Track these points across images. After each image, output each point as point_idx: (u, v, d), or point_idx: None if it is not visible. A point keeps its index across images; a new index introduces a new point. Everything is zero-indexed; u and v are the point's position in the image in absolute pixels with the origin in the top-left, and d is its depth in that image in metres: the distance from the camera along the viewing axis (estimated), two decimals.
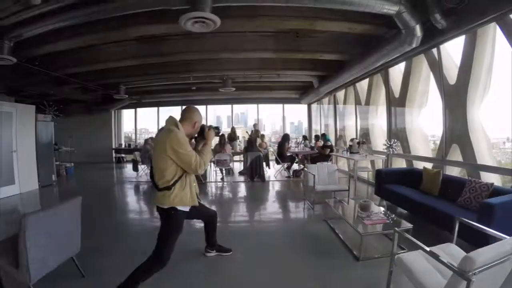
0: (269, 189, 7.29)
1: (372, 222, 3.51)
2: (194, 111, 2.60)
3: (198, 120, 2.58)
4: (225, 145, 7.89)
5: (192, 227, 4.16)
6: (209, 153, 2.54)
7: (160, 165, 2.38)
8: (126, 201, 6.72)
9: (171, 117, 2.49)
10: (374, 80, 8.05)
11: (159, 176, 2.41)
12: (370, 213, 3.80)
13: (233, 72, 8.65)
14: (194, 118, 2.56)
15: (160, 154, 2.36)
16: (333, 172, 5.62)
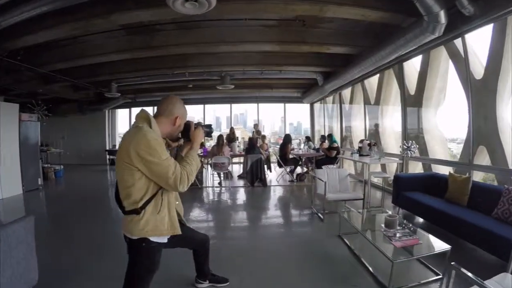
0: (271, 195, 6.65)
1: (403, 244, 2.86)
2: (175, 103, 1.88)
3: (180, 115, 1.87)
4: (223, 146, 7.24)
5: None
6: (196, 161, 1.83)
7: (124, 179, 1.69)
8: (117, 209, 6.04)
9: (143, 110, 1.81)
10: (385, 76, 7.42)
11: (124, 194, 1.73)
12: (396, 230, 3.16)
13: (232, 68, 8.02)
14: (175, 111, 1.85)
15: (122, 163, 1.67)
16: (345, 178, 4.99)
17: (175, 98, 1.93)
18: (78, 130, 13.85)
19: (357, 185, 7.61)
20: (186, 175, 1.71)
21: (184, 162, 1.78)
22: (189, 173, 1.74)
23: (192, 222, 4.77)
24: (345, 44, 6.31)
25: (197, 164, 1.82)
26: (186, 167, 1.74)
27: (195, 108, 13.52)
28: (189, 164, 1.78)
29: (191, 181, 1.76)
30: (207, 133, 2.03)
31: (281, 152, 7.90)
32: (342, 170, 5.06)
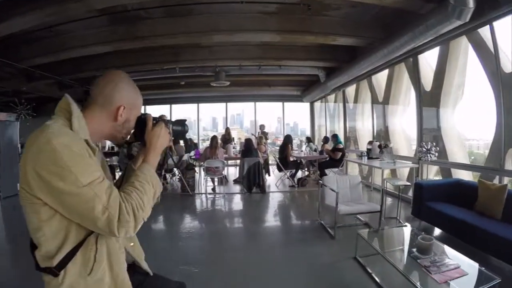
0: (271, 204, 5.97)
1: (446, 278, 2.20)
2: (117, 82, 1.10)
3: (126, 104, 1.10)
4: (217, 149, 6.54)
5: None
6: (154, 182, 1.08)
7: (28, 218, 0.97)
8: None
9: (65, 97, 1.05)
10: (396, 72, 6.78)
11: (34, 241, 0.99)
12: (433, 257, 2.51)
13: (227, 62, 7.34)
14: (115, 97, 1.09)
15: (21, 189, 0.94)
16: (357, 185, 4.33)
17: (117, 74, 1.13)
18: None
19: (364, 191, 6.98)
20: (131, 209, 0.96)
21: (131, 186, 1.01)
22: (138, 206, 0.98)
23: (179, 239, 4.08)
24: (352, 35, 5.67)
25: (155, 187, 1.08)
26: (132, 194, 0.98)
27: (188, 108, 12.88)
28: (139, 188, 1.01)
29: (143, 218, 1.02)
30: (177, 134, 1.29)
31: (281, 155, 7.21)
32: (353, 177, 4.39)
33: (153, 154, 1.13)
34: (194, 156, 7.71)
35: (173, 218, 5.06)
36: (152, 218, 5.25)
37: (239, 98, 12.20)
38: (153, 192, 1.06)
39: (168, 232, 4.49)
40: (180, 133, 1.31)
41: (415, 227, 4.16)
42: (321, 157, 7.38)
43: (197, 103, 12.33)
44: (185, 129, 1.32)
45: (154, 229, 4.64)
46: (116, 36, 5.86)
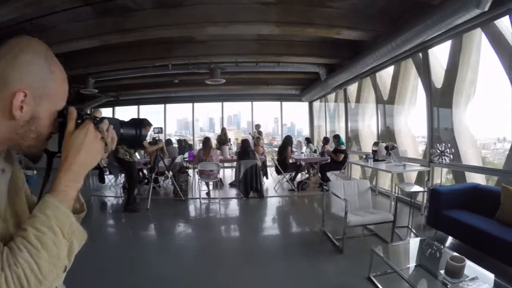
0: (269, 210, 5.54)
1: None
2: (18, 54, 0.62)
3: (31, 89, 0.62)
4: (211, 150, 6.10)
5: None
6: (63, 225, 0.58)
7: None
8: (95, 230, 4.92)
9: None
10: (402, 68, 6.40)
11: None
12: (465, 280, 2.10)
13: (222, 58, 6.92)
14: (12, 78, 0.60)
15: None
16: (366, 191, 3.91)
17: (20, 42, 0.65)
18: None
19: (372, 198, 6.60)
20: (17, 283, 0.50)
21: (23, 239, 0.54)
22: (30, 277, 0.51)
23: (167, 252, 3.65)
24: (358, 28, 5.27)
25: (69, 236, 0.60)
26: (22, 254, 0.52)
27: (183, 107, 12.40)
28: (34, 244, 0.53)
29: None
30: (129, 141, 0.80)
31: (280, 157, 6.78)
32: (362, 182, 3.97)
33: (69, 176, 0.64)
34: (187, 158, 7.26)
35: (162, 227, 4.64)
36: (138, 227, 4.82)
37: (236, 98, 11.76)
38: (64, 245, 0.59)
39: (155, 244, 4.04)
40: (134, 140, 0.81)
41: (430, 236, 3.77)
42: (323, 159, 6.96)
43: (192, 103, 11.87)
44: (141, 133, 0.83)
45: (139, 239, 4.21)
46: (103, 29, 5.47)
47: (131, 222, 5.05)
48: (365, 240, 3.78)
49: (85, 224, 0.70)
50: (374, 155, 5.67)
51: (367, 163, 5.63)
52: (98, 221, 4.96)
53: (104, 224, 4.81)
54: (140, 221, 5.06)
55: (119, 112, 13.28)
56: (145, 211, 5.47)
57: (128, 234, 4.44)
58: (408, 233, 4.09)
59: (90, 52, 6.79)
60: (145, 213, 5.40)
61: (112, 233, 4.38)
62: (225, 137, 10.39)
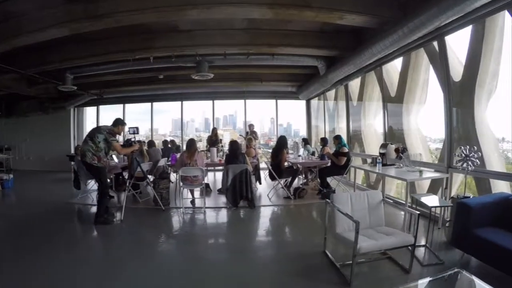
0: (261, 223, 4.78)
1: None
2: None
3: None
4: (196, 153, 5.32)
5: None
6: None
7: None
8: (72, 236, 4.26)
9: None
10: (412, 60, 5.68)
11: None
12: None
13: (209, 49, 6.15)
14: None
15: None
16: (378, 205, 3.18)
17: None
18: (41, 131, 11.98)
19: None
20: None
21: None
22: None
23: (133, 278, 2.88)
24: (362, 12, 4.55)
25: None
26: None
27: (171, 106, 11.59)
28: None
29: None
30: None
31: (274, 160, 6.02)
32: (373, 194, 3.22)
33: None
34: (169, 162, 6.49)
35: (131, 246, 3.85)
36: (104, 244, 4.06)
37: (228, 95, 10.98)
38: None
39: (117, 270, 3.25)
40: None
41: (455, 260, 3.07)
42: (323, 162, 6.21)
43: (181, 101, 11.09)
44: None
45: (100, 260, 3.45)
46: (73, 16, 4.79)
47: (98, 237, 4.28)
48: (377, 266, 3.04)
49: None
50: (382, 158, 4.94)
51: (374, 168, 4.89)
52: (60, 236, 4.18)
53: (66, 240, 4.02)
54: (109, 236, 4.30)
55: (104, 111, 12.52)
56: (118, 223, 4.72)
57: (90, 253, 3.66)
58: (427, 255, 3.36)
59: (64, 44, 6.27)
60: (118, 226, 4.65)
61: (73, 252, 3.60)
62: (216, 137, 9.61)
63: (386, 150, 5.04)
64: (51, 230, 4.43)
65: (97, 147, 4.56)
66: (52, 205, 6.00)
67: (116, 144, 4.62)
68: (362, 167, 5.62)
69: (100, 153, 4.59)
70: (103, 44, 6.31)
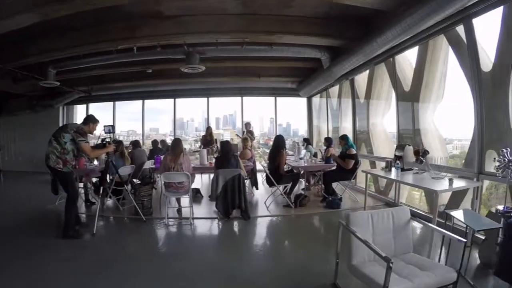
0: (257, 240, 4.06)
1: None
2: None
3: None
4: (182, 156, 4.63)
5: None
6: None
7: None
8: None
9: None
10: (430, 49, 4.98)
11: None
12: None
13: (199, 37, 5.44)
14: None
15: None
16: (405, 226, 2.47)
17: None
18: (30, 130, 11.37)
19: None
20: None
21: None
22: None
23: None
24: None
25: None
26: None
27: (179, 106, 10.93)
28: None
29: None
30: None
31: (272, 164, 5.29)
32: (399, 212, 2.49)
33: None
34: (153, 165, 5.79)
35: (98, 268, 3.15)
36: (68, 265, 3.34)
37: (223, 92, 10.24)
38: None
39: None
40: None
41: None
42: (328, 166, 5.49)
43: (173, 98, 10.38)
44: None
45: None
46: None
47: (63, 255, 3.55)
48: None
49: None
50: (399, 162, 4.24)
51: (389, 173, 4.19)
52: (20, 252, 3.48)
53: (25, 259, 3.31)
54: (76, 254, 3.57)
55: (97, 110, 11.83)
56: (90, 237, 4.02)
57: (47, 278, 2.96)
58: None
59: (42, 36, 5.77)
60: (88, 241, 3.95)
61: (26, 277, 2.92)
62: (210, 137, 8.94)
63: (403, 152, 4.34)
64: (13, 244, 3.75)
65: (63, 149, 3.86)
66: (29, 210, 5.39)
67: (84, 145, 3.91)
68: (375, 173, 4.85)
69: (67, 155, 3.89)
70: (82, 35, 5.71)
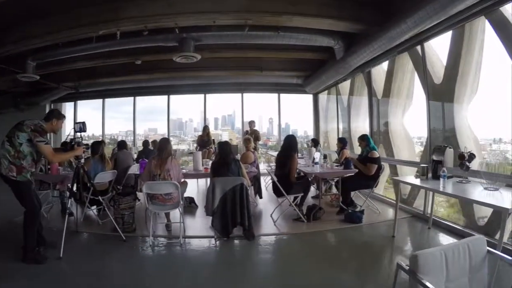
0: (265, 268, 3.16)
1: None
2: None
3: None
4: (170, 160, 3.73)
5: None
6: None
7: None
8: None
9: None
10: (467, 34, 4.19)
11: None
12: None
13: (192, 18, 4.58)
14: None
15: None
16: (481, 262, 1.65)
17: None
18: None
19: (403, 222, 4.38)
20: None
21: None
22: None
23: None
24: None
25: None
26: None
27: (178, 106, 10.14)
28: None
29: None
30: None
31: (282, 170, 4.38)
32: (475, 243, 1.66)
33: None
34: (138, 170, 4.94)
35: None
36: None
37: (222, 88, 9.40)
38: None
39: None
40: None
41: None
42: (349, 172, 4.60)
43: (167, 95, 9.54)
44: None
45: None
46: None
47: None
48: None
49: None
50: (437, 168, 3.43)
51: (426, 182, 3.37)
52: None
53: None
54: (33, 285, 2.75)
55: (81, 106, 10.98)
56: (55, 262, 3.18)
57: None
58: None
59: (16, 22, 5.15)
60: (52, 267, 3.10)
61: None
62: (208, 137, 8.12)
63: (444, 156, 3.51)
64: None
65: (17, 152, 3.03)
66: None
67: (44, 147, 3.07)
68: (414, 182, 3.84)
69: (23, 161, 3.05)
70: (61, 19, 4.97)
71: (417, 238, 3.94)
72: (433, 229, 4.08)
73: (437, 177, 3.54)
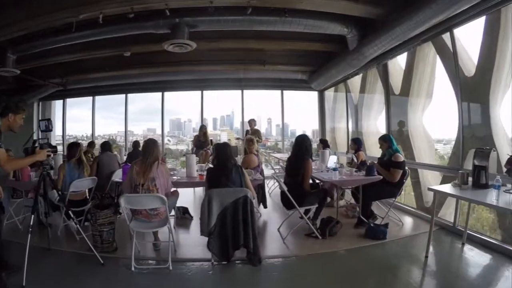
0: None
1: None
2: None
3: None
4: (154, 167, 3.02)
5: None
6: None
7: None
8: None
9: None
10: (503, 19, 3.59)
11: None
12: None
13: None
14: None
15: None
16: None
17: None
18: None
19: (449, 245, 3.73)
20: None
21: None
22: None
23: None
24: None
25: None
26: None
27: (178, 105, 9.49)
28: None
29: None
30: None
31: (294, 178, 3.66)
32: None
33: None
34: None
35: None
36: None
37: (221, 84, 8.70)
38: None
39: None
40: None
41: None
42: (373, 179, 3.87)
43: (161, 92, 8.88)
44: None
45: None
46: None
47: None
48: None
49: None
50: (479, 174, 2.80)
51: (466, 192, 2.74)
52: None
53: None
54: None
55: (70, 104, 10.29)
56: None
57: None
58: None
59: None
60: None
61: None
62: (205, 138, 7.48)
63: (488, 161, 2.88)
64: None
65: None
66: None
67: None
68: (461, 195, 3.10)
69: None
70: (37, 1, 4.39)
71: (455, 259, 3.28)
72: (467, 244, 3.47)
73: (480, 186, 2.94)
